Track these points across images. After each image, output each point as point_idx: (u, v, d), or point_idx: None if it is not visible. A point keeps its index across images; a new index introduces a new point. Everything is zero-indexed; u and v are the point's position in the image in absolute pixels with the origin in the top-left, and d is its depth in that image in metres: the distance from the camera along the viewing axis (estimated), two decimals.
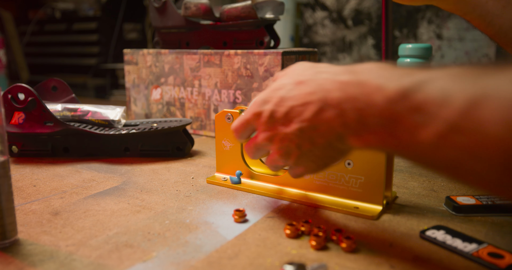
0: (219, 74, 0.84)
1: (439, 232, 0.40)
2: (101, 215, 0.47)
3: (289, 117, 0.39)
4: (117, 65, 1.82)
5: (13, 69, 2.00)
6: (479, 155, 0.27)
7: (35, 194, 0.53)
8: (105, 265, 0.36)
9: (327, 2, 1.91)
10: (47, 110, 0.67)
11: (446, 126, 0.28)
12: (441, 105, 0.29)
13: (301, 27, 2.00)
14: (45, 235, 0.42)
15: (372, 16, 1.82)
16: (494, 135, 0.26)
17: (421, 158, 0.32)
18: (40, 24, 2.04)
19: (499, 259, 0.35)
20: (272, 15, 0.82)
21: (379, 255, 0.37)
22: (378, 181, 0.46)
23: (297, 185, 0.52)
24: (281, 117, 0.40)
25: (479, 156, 0.27)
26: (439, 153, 0.29)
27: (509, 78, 0.27)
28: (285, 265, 0.34)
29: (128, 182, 0.58)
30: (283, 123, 0.40)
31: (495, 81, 0.28)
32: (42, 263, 0.36)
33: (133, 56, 0.97)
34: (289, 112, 0.39)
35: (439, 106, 0.29)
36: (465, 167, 0.29)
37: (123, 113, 0.74)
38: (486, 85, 0.27)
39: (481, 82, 0.28)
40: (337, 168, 0.49)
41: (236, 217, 0.45)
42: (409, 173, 0.62)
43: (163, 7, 0.93)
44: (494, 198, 0.48)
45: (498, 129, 0.26)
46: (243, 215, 0.45)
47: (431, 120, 0.29)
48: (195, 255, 0.37)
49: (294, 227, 0.41)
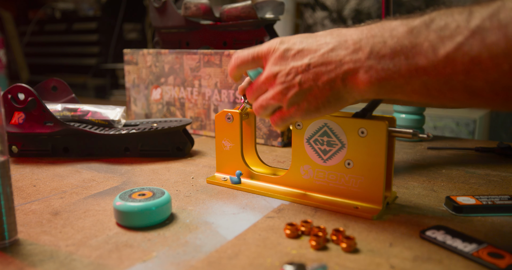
0: (219, 74, 0.84)
1: (439, 232, 0.40)
2: (101, 215, 0.47)
3: (302, 54, 0.42)
4: (117, 65, 1.82)
5: (13, 69, 1.99)
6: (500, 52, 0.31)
7: (35, 194, 0.53)
8: (105, 265, 0.36)
9: (327, 2, 1.91)
10: (47, 110, 0.67)
11: (467, 33, 0.32)
12: (463, 20, 0.33)
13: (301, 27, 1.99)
14: (45, 235, 0.42)
15: (372, 16, 1.82)
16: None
17: (434, 81, 0.34)
18: (40, 24, 2.05)
19: (499, 259, 0.35)
20: (272, 15, 0.82)
21: (379, 255, 0.37)
22: (378, 181, 0.46)
23: (297, 185, 0.52)
24: (294, 54, 0.42)
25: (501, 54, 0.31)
26: (456, 65, 0.33)
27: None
28: (285, 265, 0.34)
29: (128, 182, 0.58)
30: (294, 58, 0.42)
31: None
32: (42, 263, 0.36)
33: (133, 56, 0.97)
34: (303, 50, 0.42)
35: (459, 23, 0.33)
36: (480, 75, 0.32)
37: (123, 113, 0.74)
38: None
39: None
40: (337, 168, 0.49)
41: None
42: (409, 173, 0.62)
43: (163, 7, 0.93)
44: (494, 198, 0.48)
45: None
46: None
47: (455, 31, 0.33)
48: (195, 255, 0.37)
49: (294, 227, 0.41)
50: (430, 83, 0.35)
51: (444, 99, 0.36)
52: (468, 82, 0.33)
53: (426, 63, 0.34)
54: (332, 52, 0.40)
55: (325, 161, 0.49)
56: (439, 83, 0.35)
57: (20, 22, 2.12)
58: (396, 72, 0.36)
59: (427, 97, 0.36)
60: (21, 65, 2.03)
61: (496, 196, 0.48)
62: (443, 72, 0.34)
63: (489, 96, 0.33)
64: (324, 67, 0.40)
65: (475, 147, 0.75)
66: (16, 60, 2.01)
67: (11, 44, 1.99)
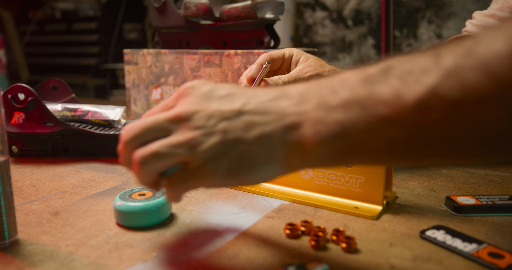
0: (219, 74, 0.84)
1: (439, 232, 0.40)
2: (101, 215, 0.47)
3: (233, 97, 0.32)
4: (117, 65, 1.82)
5: (13, 69, 2.00)
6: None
7: (35, 194, 0.53)
8: (105, 265, 0.36)
9: (327, 2, 1.91)
10: (47, 110, 0.67)
11: (439, 74, 0.27)
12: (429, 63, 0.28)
13: (301, 27, 2.00)
14: (45, 235, 0.42)
15: (372, 16, 1.82)
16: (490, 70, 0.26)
17: (404, 134, 0.29)
18: (40, 24, 2.05)
19: (499, 259, 0.35)
20: (272, 15, 0.82)
21: (379, 255, 0.37)
22: (378, 181, 0.46)
23: (297, 185, 0.52)
24: (223, 95, 0.33)
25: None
26: (431, 112, 0.27)
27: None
28: (285, 265, 0.34)
29: (128, 182, 0.58)
30: (221, 99, 0.32)
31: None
32: (42, 263, 0.36)
33: (133, 56, 0.97)
34: (234, 93, 0.33)
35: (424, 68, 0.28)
36: (459, 122, 0.27)
37: (123, 113, 0.74)
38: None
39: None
40: (337, 168, 0.49)
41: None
42: (409, 173, 0.62)
43: (163, 7, 0.93)
44: (494, 198, 0.48)
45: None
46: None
47: (422, 74, 0.28)
48: (195, 255, 0.37)
49: (294, 227, 0.41)
50: (398, 137, 0.29)
51: (415, 156, 0.30)
52: (448, 133, 0.27)
53: (390, 113, 0.28)
54: (271, 102, 0.32)
55: None
56: (411, 137, 0.28)
57: (20, 22, 2.12)
58: (352, 126, 0.29)
59: (393, 155, 0.30)
60: (21, 65, 2.03)
61: (496, 196, 0.48)
62: (415, 123, 0.28)
63: (473, 147, 0.28)
64: (259, 117, 0.31)
65: None
66: (16, 60, 2.01)
67: (11, 44, 1.99)
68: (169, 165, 0.32)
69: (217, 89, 0.33)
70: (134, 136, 0.33)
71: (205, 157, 0.31)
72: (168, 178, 0.33)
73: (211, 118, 0.32)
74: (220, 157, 0.31)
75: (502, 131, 0.27)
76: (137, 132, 0.33)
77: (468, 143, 0.28)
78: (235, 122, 0.31)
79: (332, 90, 0.30)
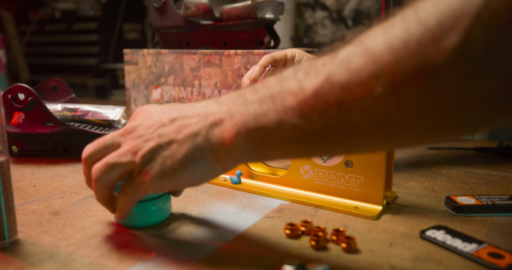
0: (219, 74, 0.84)
1: (439, 232, 0.40)
2: (101, 215, 0.47)
3: (172, 109, 0.38)
4: (117, 65, 1.82)
5: (13, 69, 2.00)
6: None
7: (35, 194, 0.53)
8: (105, 265, 0.36)
9: (327, 2, 1.91)
10: (47, 110, 0.67)
11: (334, 63, 0.31)
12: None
13: (301, 27, 2.00)
14: (45, 235, 0.42)
15: (372, 16, 1.82)
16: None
17: (308, 121, 0.31)
18: (40, 24, 2.05)
19: (499, 259, 0.35)
20: (272, 15, 0.82)
21: (379, 255, 0.37)
22: (378, 181, 0.46)
23: (297, 185, 0.52)
24: (164, 110, 0.38)
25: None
26: (326, 98, 0.30)
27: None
28: (285, 265, 0.34)
29: None
30: (162, 112, 0.38)
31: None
32: (42, 263, 0.36)
33: (133, 56, 0.97)
34: (173, 106, 0.38)
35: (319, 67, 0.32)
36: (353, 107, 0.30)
37: (123, 113, 0.74)
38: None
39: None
40: (337, 168, 0.49)
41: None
42: (409, 173, 0.62)
43: (163, 7, 0.93)
44: (494, 198, 0.48)
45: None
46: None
47: (321, 66, 0.31)
48: (195, 255, 0.37)
49: (294, 227, 0.41)
50: (304, 125, 0.31)
51: (324, 142, 0.32)
52: (344, 116, 0.30)
53: (295, 102, 0.31)
54: (203, 108, 0.37)
55: (325, 161, 0.49)
56: (313, 123, 0.31)
57: (20, 22, 2.12)
58: (264, 116, 0.33)
59: (306, 144, 0.33)
60: (21, 65, 2.03)
61: (496, 196, 0.48)
62: (315, 109, 0.31)
63: (369, 129, 0.30)
64: (190, 119, 0.36)
65: (475, 147, 0.75)
66: (16, 60, 2.01)
67: (11, 44, 1.99)
68: (120, 176, 0.37)
69: (161, 107, 0.39)
70: (92, 153, 0.39)
71: (144, 161, 0.36)
72: (120, 188, 0.38)
73: (151, 127, 0.37)
74: (155, 158, 0.36)
75: (390, 114, 0.29)
76: (94, 149, 0.39)
77: (364, 126, 0.30)
78: (170, 127, 0.36)
79: (254, 90, 0.35)
